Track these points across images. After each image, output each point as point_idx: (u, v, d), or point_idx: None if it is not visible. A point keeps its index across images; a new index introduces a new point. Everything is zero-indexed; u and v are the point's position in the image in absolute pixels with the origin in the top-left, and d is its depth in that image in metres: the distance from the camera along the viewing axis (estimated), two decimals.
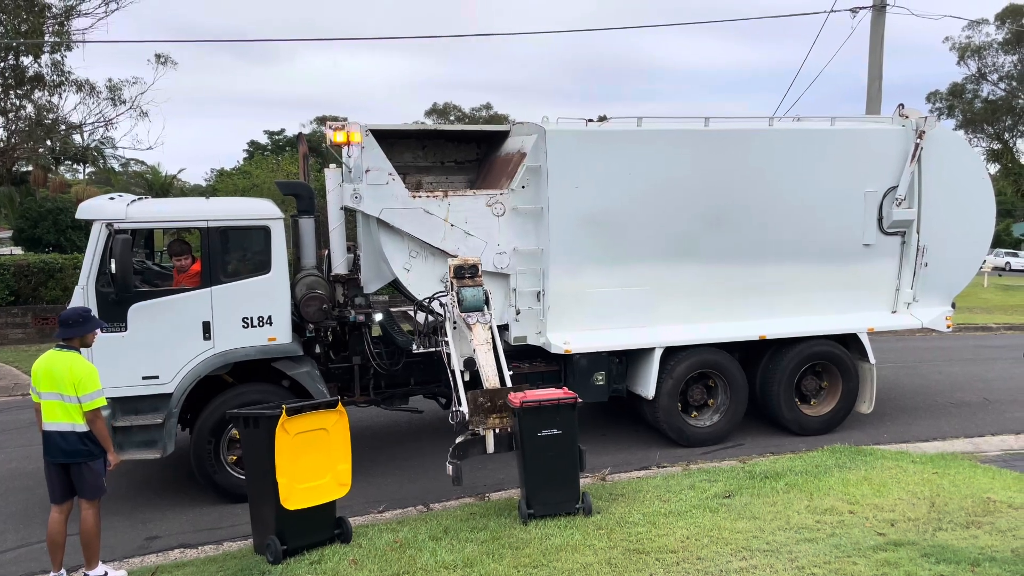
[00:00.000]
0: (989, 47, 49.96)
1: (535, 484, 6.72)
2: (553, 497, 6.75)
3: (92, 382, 5.90)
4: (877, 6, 17.48)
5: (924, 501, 6.78)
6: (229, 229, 7.92)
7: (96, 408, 5.92)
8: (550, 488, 6.74)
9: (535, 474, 6.71)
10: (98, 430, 5.98)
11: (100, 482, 6.14)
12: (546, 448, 6.71)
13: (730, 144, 9.33)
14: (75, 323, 6.04)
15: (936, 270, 10.04)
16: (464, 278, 7.87)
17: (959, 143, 10.26)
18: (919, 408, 11.29)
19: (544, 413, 6.69)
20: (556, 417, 6.72)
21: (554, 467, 6.74)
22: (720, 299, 9.47)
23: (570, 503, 6.76)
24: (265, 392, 8.03)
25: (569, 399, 6.79)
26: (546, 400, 6.74)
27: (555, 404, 6.72)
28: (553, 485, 6.74)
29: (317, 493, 6.21)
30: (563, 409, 6.74)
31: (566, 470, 6.79)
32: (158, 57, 27.88)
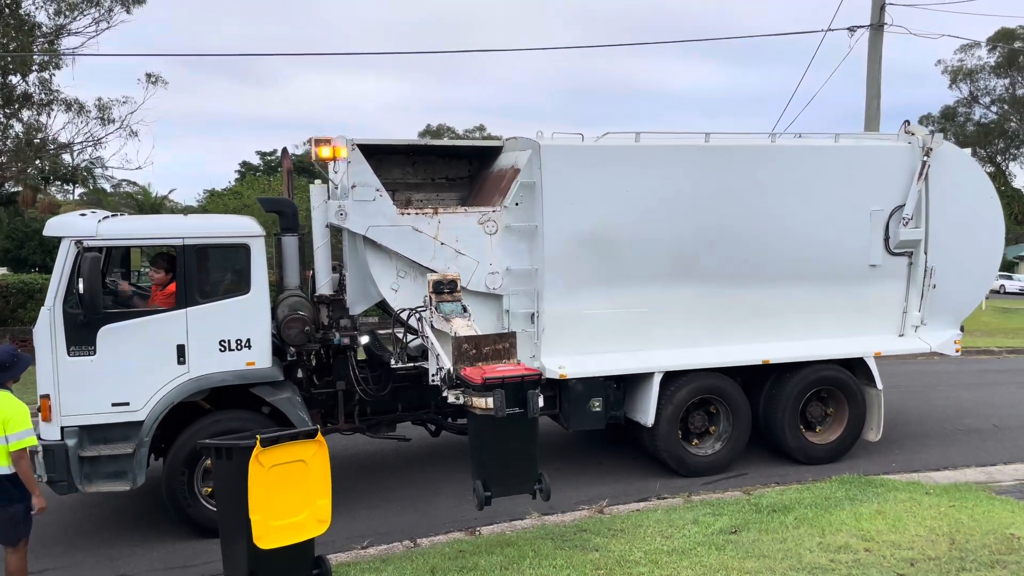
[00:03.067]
0: (981, 70, 50.28)
1: (493, 464, 6.22)
2: (512, 478, 6.26)
3: (22, 420, 5.53)
4: (875, 25, 17.31)
5: (944, 538, 6.36)
6: (206, 247, 7.50)
7: (23, 448, 5.53)
8: (509, 469, 6.24)
9: (493, 454, 6.21)
10: (23, 471, 5.56)
11: (19, 529, 5.73)
12: (507, 426, 6.14)
13: (731, 160, 8.99)
14: (9, 366, 5.72)
15: (944, 292, 9.68)
16: (443, 293, 7.52)
17: (966, 161, 9.94)
18: (928, 435, 10.89)
19: (508, 391, 6.14)
20: (519, 394, 6.16)
21: (514, 447, 6.23)
22: (722, 322, 9.08)
23: (528, 484, 6.27)
24: (243, 420, 7.58)
25: (533, 375, 6.26)
26: (509, 376, 6.16)
27: (518, 381, 6.14)
28: (512, 466, 6.25)
29: (294, 531, 5.74)
30: (527, 386, 6.18)
31: (526, 450, 6.28)
32: (148, 76, 27.61)
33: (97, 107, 27.42)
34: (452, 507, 8.31)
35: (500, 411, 5.93)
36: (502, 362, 6.54)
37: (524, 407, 6.11)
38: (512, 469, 6.29)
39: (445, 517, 8.02)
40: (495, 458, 6.25)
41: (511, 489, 6.33)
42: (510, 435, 6.20)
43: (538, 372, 6.42)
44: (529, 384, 6.17)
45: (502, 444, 6.23)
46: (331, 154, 8.12)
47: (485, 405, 6.00)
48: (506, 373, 6.19)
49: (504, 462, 6.26)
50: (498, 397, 5.94)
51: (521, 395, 6.10)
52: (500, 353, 6.60)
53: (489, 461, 6.26)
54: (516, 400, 6.08)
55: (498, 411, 5.93)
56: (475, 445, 6.42)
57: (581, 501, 8.25)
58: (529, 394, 6.11)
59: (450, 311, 7.42)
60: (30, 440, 5.63)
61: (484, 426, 6.20)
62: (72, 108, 26.91)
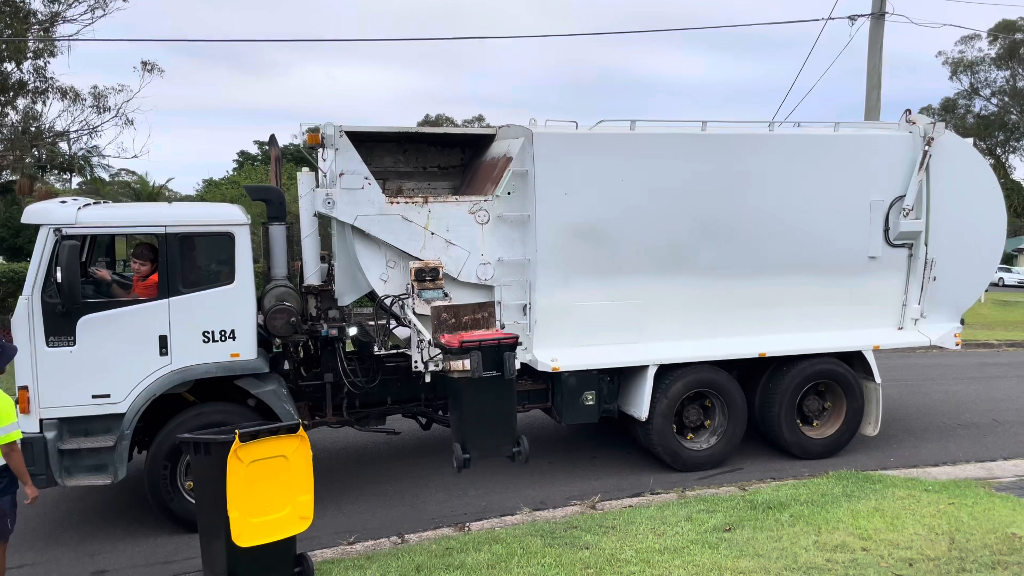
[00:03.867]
0: (982, 62, 49.99)
1: (471, 427, 6.20)
2: (490, 441, 6.24)
3: (7, 414, 5.38)
4: (876, 14, 17.07)
5: (943, 537, 6.20)
6: (189, 236, 7.31)
7: (11, 442, 5.40)
8: (487, 432, 6.23)
9: (472, 417, 6.18)
10: (14, 464, 5.45)
11: (4, 523, 5.60)
12: (485, 390, 6.14)
13: (728, 149, 8.79)
14: None
15: (945, 284, 9.50)
16: (425, 280, 7.47)
17: (969, 151, 9.73)
18: (926, 430, 10.73)
19: (485, 353, 6.10)
20: (496, 357, 6.14)
21: (492, 410, 6.22)
22: (718, 314, 8.90)
23: (507, 446, 6.26)
24: (228, 412, 7.41)
25: (510, 338, 6.27)
26: (486, 340, 6.17)
27: (495, 344, 6.14)
28: (491, 428, 6.23)
29: (274, 528, 5.58)
30: (503, 348, 6.17)
31: (504, 413, 6.27)
32: (144, 64, 27.34)
33: (93, 95, 27.22)
34: (442, 501, 8.16)
35: (477, 371, 5.98)
36: (480, 330, 6.62)
37: (501, 370, 6.12)
38: (491, 432, 6.28)
39: (434, 512, 7.87)
40: (474, 421, 6.23)
41: (490, 452, 6.31)
42: (488, 398, 6.21)
43: (515, 336, 6.38)
44: (506, 347, 6.19)
45: (480, 407, 6.22)
46: (318, 140, 7.93)
47: (463, 367, 6.03)
48: (483, 337, 6.25)
49: (483, 425, 6.25)
50: (475, 358, 5.99)
51: (498, 358, 6.13)
52: (479, 322, 6.68)
53: (468, 424, 6.23)
54: (494, 363, 6.12)
55: (475, 371, 5.98)
56: (455, 409, 6.41)
57: (573, 496, 8.11)
58: (506, 356, 6.14)
59: (431, 298, 7.43)
60: (15, 434, 5.49)
61: (462, 390, 6.18)
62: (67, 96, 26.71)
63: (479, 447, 6.23)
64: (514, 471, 8.97)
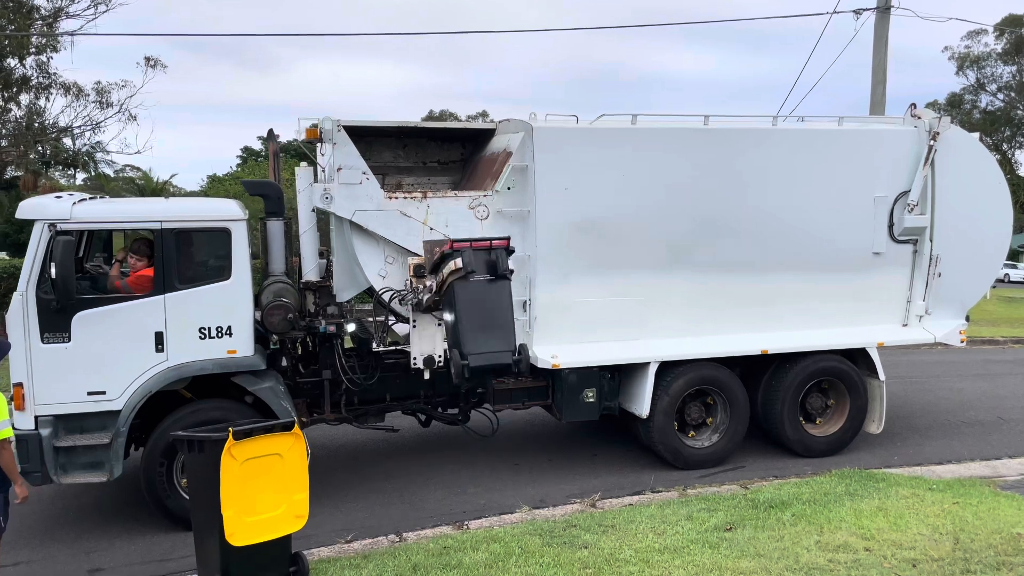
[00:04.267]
0: (988, 57, 49.65)
1: (469, 332, 6.03)
2: (488, 346, 6.07)
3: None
4: (881, 7, 16.91)
5: (947, 537, 6.11)
6: (185, 231, 7.24)
7: (2, 439, 5.32)
8: (485, 336, 6.06)
9: (468, 320, 6.03)
10: (5, 462, 5.37)
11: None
12: (479, 292, 6.05)
13: (731, 144, 8.68)
14: None
15: (950, 281, 9.40)
16: (423, 276, 7.34)
17: (975, 146, 9.62)
18: (930, 427, 10.63)
19: (476, 254, 6.01)
20: (488, 259, 6.07)
21: (489, 315, 6.10)
22: (720, 311, 8.81)
23: (506, 354, 6.08)
24: (225, 409, 7.35)
25: (502, 239, 6.23)
26: (477, 240, 6.19)
27: (487, 247, 6.11)
28: (488, 333, 6.08)
29: (269, 527, 5.52)
30: (496, 252, 6.10)
31: (501, 317, 6.13)
32: (147, 60, 27.30)
33: (96, 91, 27.18)
34: (441, 499, 8.09)
35: (468, 266, 5.93)
36: None
37: (495, 273, 6.01)
38: (489, 336, 6.09)
39: (433, 510, 7.80)
40: (470, 326, 6.03)
41: (489, 357, 6.08)
42: (483, 301, 6.09)
43: (507, 238, 6.33)
44: (497, 248, 6.14)
45: (476, 310, 6.07)
46: (316, 134, 7.86)
47: (455, 266, 5.96)
48: (474, 239, 6.27)
49: (480, 329, 6.07)
50: (467, 254, 5.95)
51: (491, 260, 6.04)
52: None
53: (465, 329, 6.03)
54: (487, 267, 6.07)
55: (467, 267, 5.92)
56: (452, 319, 6.19)
57: (573, 494, 8.03)
58: (498, 254, 6.08)
59: None
60: (6, 432, 5.42)
61: (456, 293, 6.05)
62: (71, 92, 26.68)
63: (479, 352, 6.01)
64: (514, 470, 8.90)
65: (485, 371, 6.22)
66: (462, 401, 8.80)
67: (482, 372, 6.20)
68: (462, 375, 5.99)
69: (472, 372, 6.00)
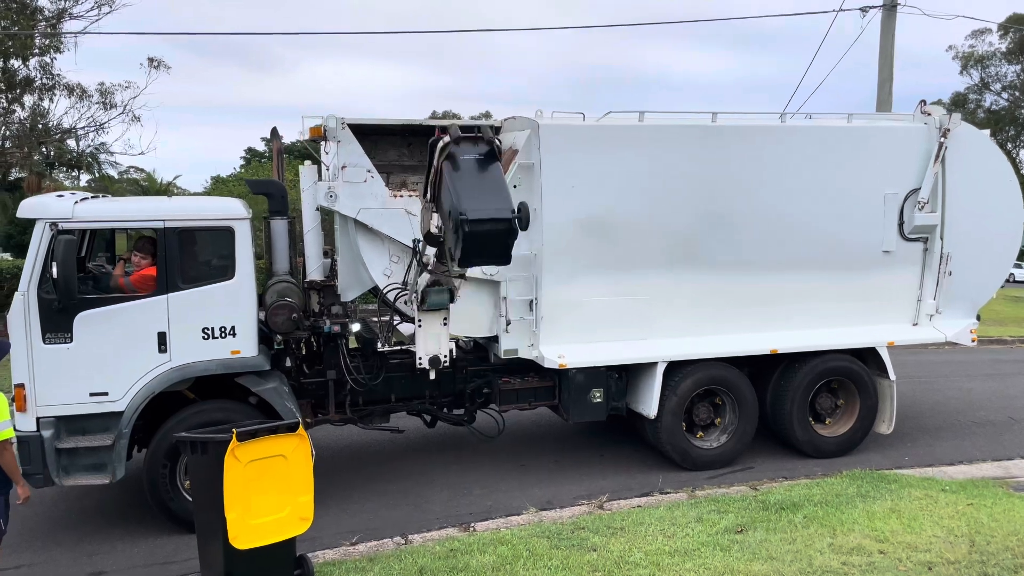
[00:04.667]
0: (992, 56, 49.46)
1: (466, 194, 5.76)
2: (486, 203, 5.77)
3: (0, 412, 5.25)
4: (888, 5, 16.81)
5: (963, 539, 6.01)
6: (188, 230, 7.16)
7: (3, 440, 5.26)
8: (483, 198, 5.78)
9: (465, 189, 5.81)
10: (6, 463, 5.31)
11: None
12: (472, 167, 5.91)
13: (739, 141, 8.59)
14: None
15: (961, 279, 9.29)
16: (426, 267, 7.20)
17: (986, 142, 9.51)
18: (941, 428, 10.52)
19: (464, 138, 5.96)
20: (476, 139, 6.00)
21: (483, 183, 5.89)
22: (728, 310, 8.71)
23: (505, 210, 5.77)
24: (228, 410, 7.27)
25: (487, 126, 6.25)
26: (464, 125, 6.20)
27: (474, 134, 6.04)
28: (485, 196, 5.82)
29: (273, 529, 5.43)
30: (483, 131, 6.06)
31: (497, 186, 5.95)
32: (151, 61, 27.28)
33: (99, 92, 27.17)
34: (447, 501, 8.00)
35: (455, 135, 5.85)
36: None
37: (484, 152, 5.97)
38: (487, 198, 5.80)
39: (439, 511, 7.71)
40: (467, 192, 5.77)
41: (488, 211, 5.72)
42: (476, 174, 5.91)
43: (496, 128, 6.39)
44: (485, 130, 6.09)
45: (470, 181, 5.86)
46: (321, 132, 7.79)
47: (443, 143, 5.93)
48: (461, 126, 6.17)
49: (477, 192, 5.79)
50: (453, 129, 5.90)
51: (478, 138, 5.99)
52: None
53: (462, 193, 5.76)
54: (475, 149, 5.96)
55: (453, 135, 5.85)
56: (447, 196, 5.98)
57: (580, 496, 7.94)
58: (485, 131, 6.02)
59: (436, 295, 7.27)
60: (8, 432, 5.37)
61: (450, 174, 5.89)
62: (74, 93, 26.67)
63: (476, 207, 5.71)
64: (521, 471, 8.81)
65: (486, 228, 5.73)
66: (467, 401, 8.72)
67: (482, 231, 5.72)
68: (460, 231, 5.62)
69: (471, 227, 5.61)
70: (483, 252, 5.86)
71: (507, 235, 5.81)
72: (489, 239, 5.75)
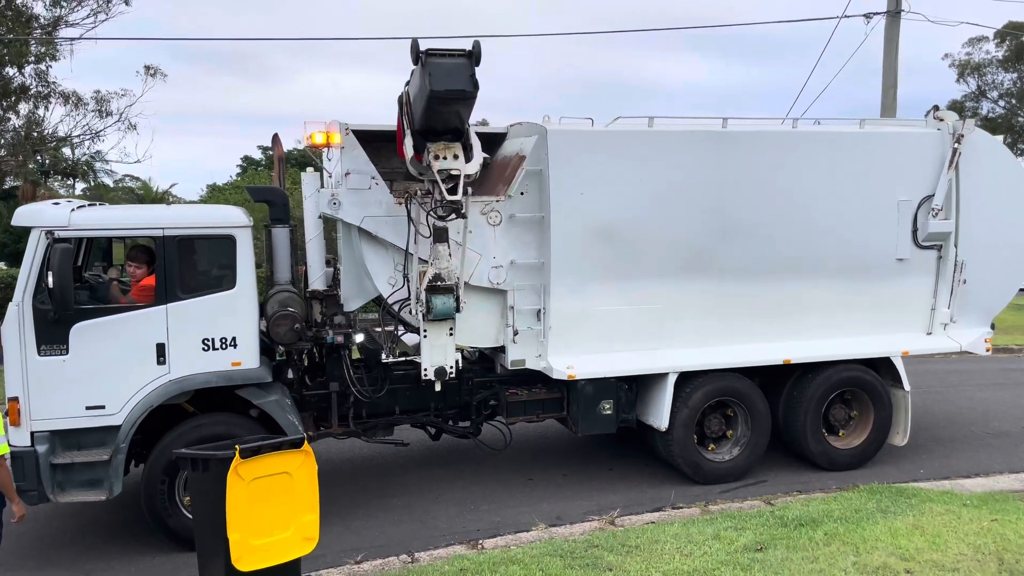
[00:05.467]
0: (989, 64, 49.48)
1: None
2: None
3: None
4: (892, 12, 16.71)
5: (991, 557, 5.81)
6: (188, 238, 6.96)
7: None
8: None
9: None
10: (1, 480, 5.16)
11: None
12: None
13: (750, 147, 8.40)
14: None
15: (975, 288, 9.11)
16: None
17: (1000, 149, 9.34)
18: (955, 439, 10.32)
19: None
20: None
21: None
22: (740, 319, 8.52)
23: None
24: (229, 424, 7.07)
25: None
26: None
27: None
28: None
29: (277, 550, 5.21)
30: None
31: None
32: (147, 68, 27.15)
33: (95, 99, 27.02)
34: (453, 516, 7.78)
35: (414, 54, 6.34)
36: None
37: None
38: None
39: (446, 528, 7.49)
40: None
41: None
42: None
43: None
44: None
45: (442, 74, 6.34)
46: (324, 140, 7.59)
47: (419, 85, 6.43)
48: None
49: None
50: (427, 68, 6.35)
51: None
52: None
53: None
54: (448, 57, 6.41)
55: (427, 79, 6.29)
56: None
57: (591, 511, 7.72)
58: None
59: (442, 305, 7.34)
60: (2, 448, 5.22)
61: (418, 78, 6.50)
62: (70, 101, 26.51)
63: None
64: (529, 485, 8.60)
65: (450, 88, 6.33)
66: (474, 414, 8.50)
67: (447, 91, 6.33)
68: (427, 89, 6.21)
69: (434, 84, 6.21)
70: (447, 81, 6.32)
71: (466, 66, 6.35)
72: (452, 71, 6.33)
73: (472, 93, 6.47)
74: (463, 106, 6.72)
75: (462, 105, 6.69)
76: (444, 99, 6.46)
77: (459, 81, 6.37)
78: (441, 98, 6.43)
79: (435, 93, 6.35)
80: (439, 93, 6.36)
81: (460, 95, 6.44)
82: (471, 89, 6.43)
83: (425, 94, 6.40)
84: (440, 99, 6.44)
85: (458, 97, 6.47)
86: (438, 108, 6.63)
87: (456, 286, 7.42)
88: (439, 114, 6.73)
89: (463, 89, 6.39)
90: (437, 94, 6.37)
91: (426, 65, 6.31)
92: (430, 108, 6.61)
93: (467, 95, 6.46)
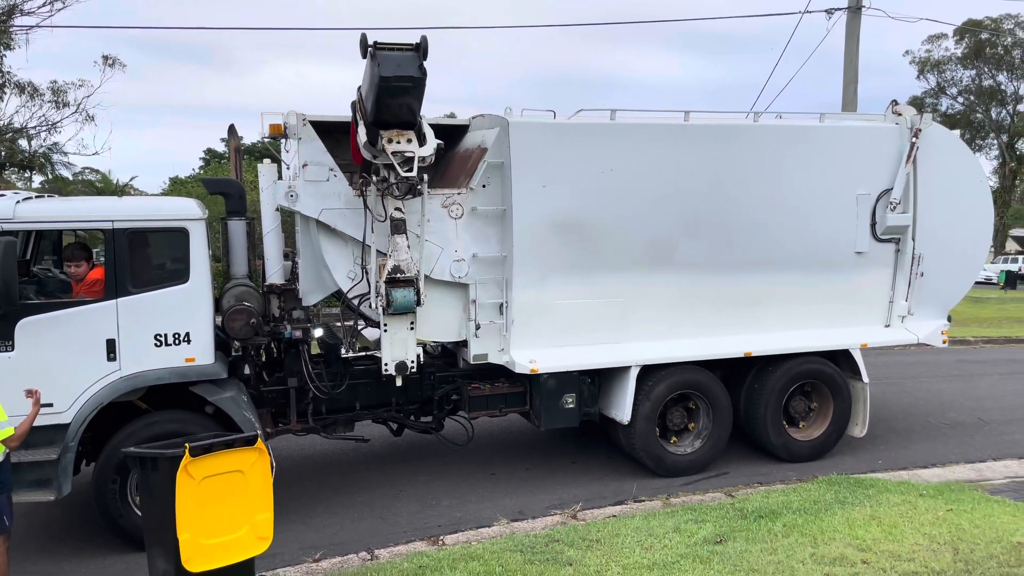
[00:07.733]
0: (948, 61, 50.35)
1: None
2: None
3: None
4: (852, 8, 16.88)
5: (946, 547, 5.88)
6: (139, 231, 6.78)
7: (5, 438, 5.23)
8: None
9: None
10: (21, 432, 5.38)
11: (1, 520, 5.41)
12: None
13: (712, 140, 8.41)
14: None
15: (932, 280, 9.23)
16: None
17: (956, 143, 9.47)
18: (912, 430, 10.47)
19: None
20: None
21: None
22: (702, 312, 8.54)
23: None
24: (183, 421, 6.91)
25: None
26: None
27: None
28: None
29: (230, 550, 5.09)
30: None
31: None
32: (105, 59, 26.57)
33: (52, 90, 26.39)
34: (414, 512, 7.70)
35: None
36: None
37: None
38: None
39: (406, 524, 7.41)
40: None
41: None
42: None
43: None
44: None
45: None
46: (281, 129, 7.44)
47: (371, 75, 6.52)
48: None
49: None
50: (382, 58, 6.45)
51: None
52: None
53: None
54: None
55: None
56: None
57: (552, 505, 7.69)
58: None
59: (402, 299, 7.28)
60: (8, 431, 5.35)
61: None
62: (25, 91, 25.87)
63: None
64: (491, 480, 8.55)
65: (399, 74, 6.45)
66: (436, 408, 8.42)
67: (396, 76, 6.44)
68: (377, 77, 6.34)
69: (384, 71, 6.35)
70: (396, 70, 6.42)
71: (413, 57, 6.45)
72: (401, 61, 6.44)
73: (420, 79, 6.53)
74: (412, 96, 6.72)
75: (412, 95, 6.70)
76: (393, 86, 6.48)
77: (407, 69, 6.45)
78: (390, 85, 6.45)
79: (384, 80, 6.39)
80: (388, 79, 6.40)
81: (408, 81, 6.50)
82: (419, 76, 6.50)
83: (375, 84, 6.42)
84: (389, 87, 6.46)
85: (407, 84, 6.52)
86: (388, 101, 6.62)
87: (416, 279, 7.34)
88: (390, 108, 6.71)
89: (411, 76, 6.47)
90: (386, 80, 6.40)
91: (375, 57, 6.39)
92: (380, 100, 6.60)
93: (416, 81, 6.52)
